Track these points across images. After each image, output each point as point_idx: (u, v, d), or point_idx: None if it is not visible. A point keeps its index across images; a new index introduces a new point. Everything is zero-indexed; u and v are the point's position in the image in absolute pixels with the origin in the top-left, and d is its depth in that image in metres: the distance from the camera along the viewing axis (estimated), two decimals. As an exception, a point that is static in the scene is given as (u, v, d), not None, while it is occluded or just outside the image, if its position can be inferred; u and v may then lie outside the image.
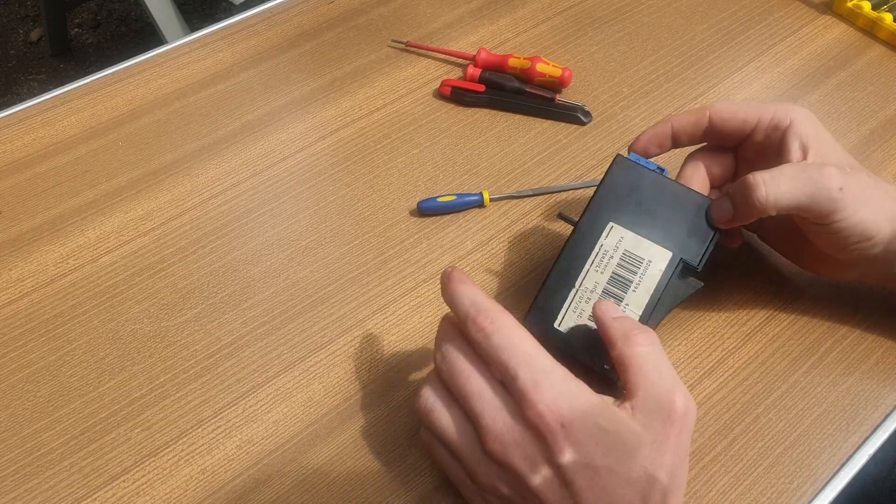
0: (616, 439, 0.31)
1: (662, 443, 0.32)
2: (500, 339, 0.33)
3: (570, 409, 0.31)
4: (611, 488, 0.31)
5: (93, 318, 0.47)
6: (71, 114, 0.59)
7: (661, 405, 0.32)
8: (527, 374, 0.32)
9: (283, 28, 0.66)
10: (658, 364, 0.34)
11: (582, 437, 0.31)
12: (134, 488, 0.40)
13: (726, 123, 0.42)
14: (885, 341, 0.44)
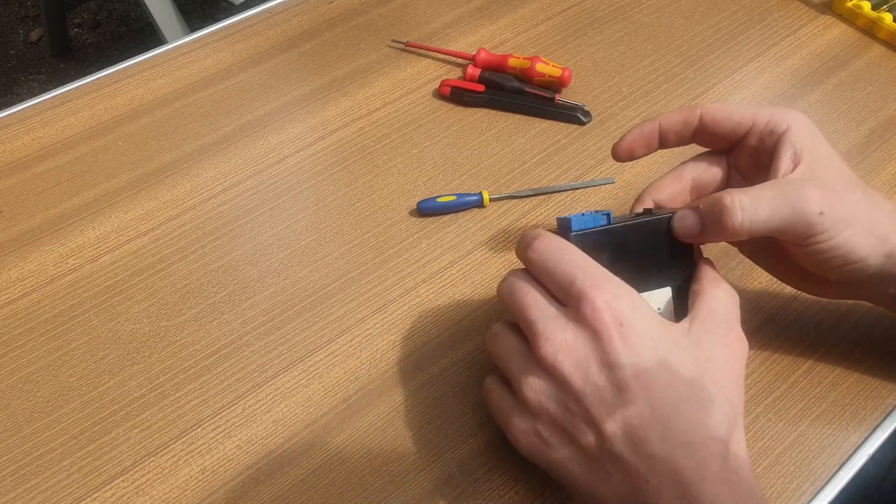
0: (671, 356, 0.31)
1: (717, 363, 0.32)
2: (553, 254, 0.34)
3: (630, 308, 0.31)
4: (670, 403, 0.30)
5: (92, 317, 0.47)
6: (71, 114, 0.59)
7: (717, 330, 0.33)
8: (584, 277, 0.32)
9: (283, 28, 0.66)
10: (726, 306, 0.34)
11: (640, 341, 0.31)
12: (133, 488, 0.40)
13: (719, 124, 0.39)
14: (885, 341, 0.44)
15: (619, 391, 0.31)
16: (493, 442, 0.41)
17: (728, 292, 0.35)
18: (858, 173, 0.53)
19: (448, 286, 0.48)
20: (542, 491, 0.39)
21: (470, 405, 0.42)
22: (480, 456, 0.40)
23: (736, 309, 0.35)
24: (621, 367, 0.31)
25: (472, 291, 0.47)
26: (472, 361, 0.44)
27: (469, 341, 0.45)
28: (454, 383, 0.43)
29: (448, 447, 0.41)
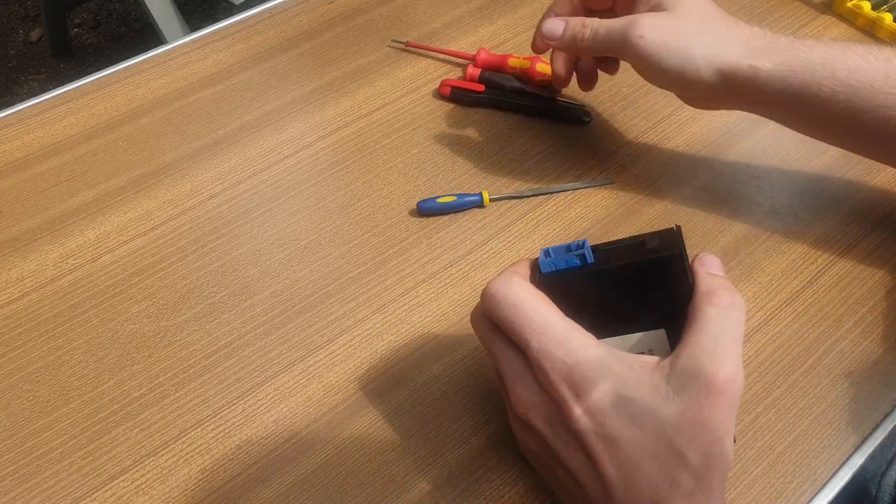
0: (640, 408, 0.29)
1: (693, 417, 0.29)
2: (507, 313, 0.32)
3: (584, 376, 0.30)
4: (634, 462, 0.29)
5: (92, 317, 0.47)
6: (70, 114, 0.59)
7: (700, 373, 0.29)
8: (538, 344, 0.31)
9: (283, 28, 0.66)
10: (719, 331, 0.30)
11: (599, 405, 0.30)
12: (133, 488, 0.40)
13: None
14: (885, 341, 0.44)
15: (585, 452, 0.30)
16: (493, 442, 0.41)
17: (726, 303, 0.31)
18: (858, 174, 0.53)
19: (448, 286, 0.48)
20: (542, 491, 0.39)
21: (470, 405, 0.42)
22: (480, 456, 0.40)
23: (734, 327, 0.31)
24: (582, 434, 0.30)
25: (472, 291, 0.47)
26: (472, 361, 0.44)
27: (469, 341, 0.45)
28: (454, 383, 0.43)
29: (448, 447, 0.41)
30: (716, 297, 0.31)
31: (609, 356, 0.31)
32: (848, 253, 0.49)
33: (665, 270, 0.32)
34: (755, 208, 0.51)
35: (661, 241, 0.32)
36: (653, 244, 0.32)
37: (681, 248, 0.32)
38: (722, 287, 0.32)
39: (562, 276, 0.33)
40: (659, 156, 0.55)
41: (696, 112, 0.58)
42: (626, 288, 0.33)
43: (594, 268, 0.32)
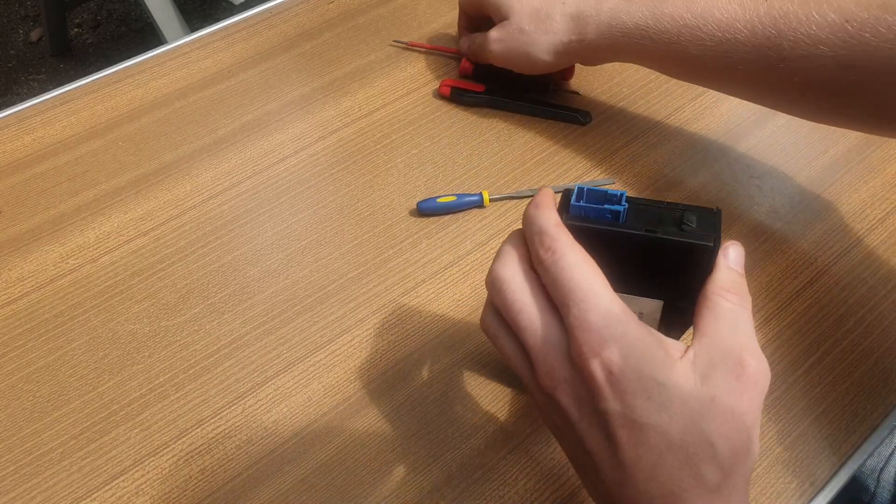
0: (671, 394, 0.28)
1: (723, 404, 0.28)
2: (558, 271, 0.30)
3: (621, 354, 0.29)
4: (657, 450, 0.28)
5: (92, 317, 0.47)
6: (71, 114, 0.59)
7: (727, 359, 0.29)
8: (579, 311, 0.29)
9: (283, 28, 0.66)
10: (735, 321, 0.30)
11: (630, 388, 0.29)
12: (133, 488, 0.40)
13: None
14: (885, 341, 0.44)
15: (607, 437, 0.30)
16: (493, 442, 0.41)
17: (736, 301, 0.31)
18: (859, 173, 0.54)
19: (448, 286, 0.48)
20: (541, 491, 0.39)
21: (470, 405, 0.42)
22: (480, 456, 0.40)
23: (747, 321, 0.31)
24: (609, 415, 0.29)
25: (472, 291, 0.47)
26: (472, 361, 0.44)
27: (469, 341, 0.45)
28: (454, 383, 0.43)
29: (448, 447, 0.41)
30: (730, 294, 0.31)
31: (648, 337, 0.29)
32: (848, 253, 0.49)
33: (693, 256, 0.31)
34: (755, 208, 0.51)
35: (699, 223, 0.31)
36: (690, 224, 0.31)
37: (716, 238, 0.31)
38: (737, 286, 0.32)
39: (582, 231, 0.31)
40: (659, 156, 0.55)
41: (695, 112, 0.58)
42: (645, 255, 0.32)
43: (622, 227, 0.31)
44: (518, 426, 0.41)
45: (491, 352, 0.44)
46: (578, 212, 0.32)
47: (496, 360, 0.44)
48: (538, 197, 0.33)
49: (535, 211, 0.32)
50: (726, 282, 0.32)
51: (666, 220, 0.32)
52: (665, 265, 0.32)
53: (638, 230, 0.31)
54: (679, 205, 0.32)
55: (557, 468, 0.40)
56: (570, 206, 0.32)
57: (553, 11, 0.53)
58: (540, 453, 0.40)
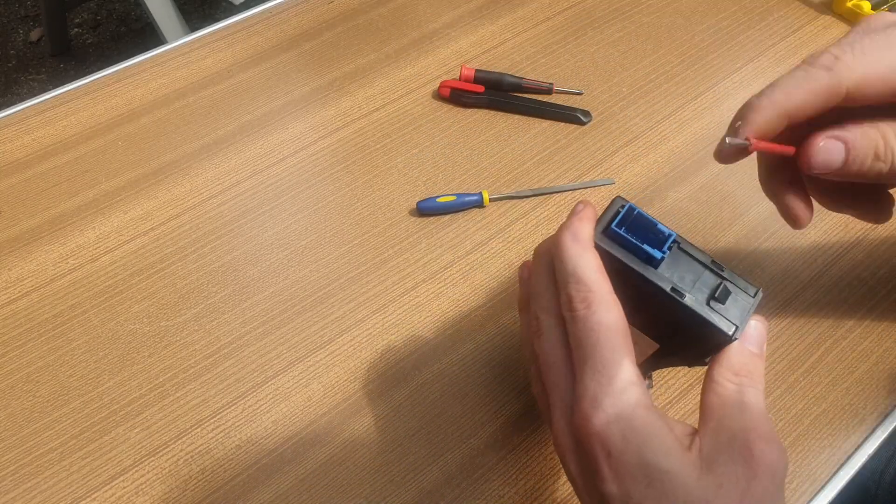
0: (673, 482, 0.26)
1: (730, 493, 0.26)
2: (586, 330, 0.28)
3: (622, 437, 0.27)
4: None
5: (92, 317, 0.47)
6: (71, 114, 0.59)
7: (733, 443, 0.27)
8: (591, 381, 0.27)
9: (283, 28, 0.66)
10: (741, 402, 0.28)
11: (630, 472, 0.27)
12: (133, 488, 0.40)
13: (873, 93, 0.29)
14: (885, 341, 0.44)
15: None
16: (493, 442, 0.41)
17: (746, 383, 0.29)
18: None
19: (448, 286, 0.48)
20: (541, 491, 0.39)
21: (470, 405, 0.42)
22: (480, 456, 0.40)
23: (757, 401, 0.28)
24: (608, 498, 0.27)
25: (471, 291, 0.47)
26: (472, 361, 0.44)
27: (469, 341, 0.45)
28: (454, 383, 0.43)
29: (448, 447, 0.41)
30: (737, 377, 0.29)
31: (658, 421, 0.27)
32: (848, 253, 0.49)
33: (709, 335, 0.29)
34: (755, 208, 0.51)
35: (732, 303, 0.29)
36: (721, 301, 0.29)
37: (740, 327, 0.29)
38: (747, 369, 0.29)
39: (618, 251, 0.29)
40: (659, 156, 0.55)
41: (695, 112, 0.58)
42: (664, 308, 0.29)
43: (651, 274, 0.29)
44: (518, 426, 0.41)
45: (491, 352, 0.44)
46: (615, 237, 0.29)
47: (496, 361, 0.44)
48: (578, 225, 0.29)
49: (573, 246, 0.29)
50: (735, 364, 0.29)
51: (700, 285, 0.29)
52: (680, 327, 0.30)
53: (665, 286, 0.29)
54: (724, 271, 0.30)
55: (557, 468, 0.40)
56: (609, 228, 0.29)
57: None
58: (540, 453, 0.40)
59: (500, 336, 0.45)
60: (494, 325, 0.46)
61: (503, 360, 0.44)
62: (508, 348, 0.44)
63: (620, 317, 0.28)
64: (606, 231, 0.29)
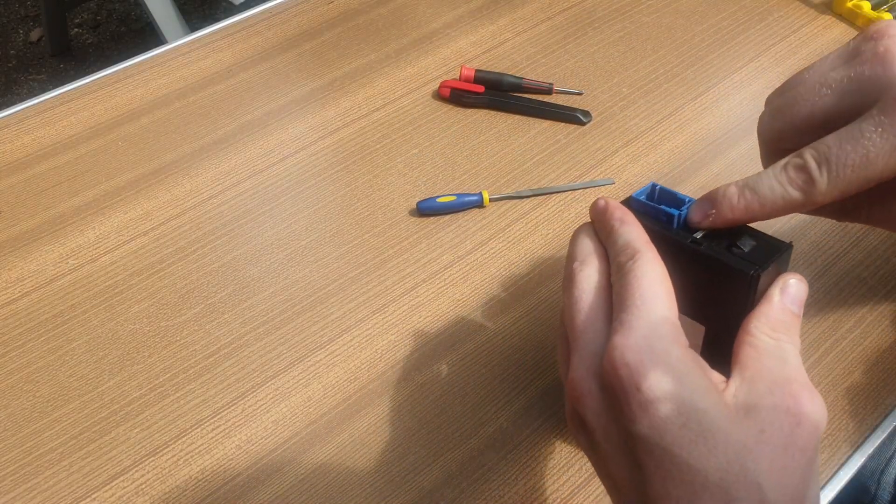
0: (711, 424, 0.24)
1: (774, 439, 0.24)
2: (630, 276, 0.27)
3: (655, 371, 0.25)
4: (691, 488, 0.24)
5: (92, 317, 0.47)
6: (71, 114, 0.59)
7: (775, 391, 0.25)
8: (628, 316, 0.26)
9: (283, 28, 0.66)
10: (782, 355, 0.27)
11: (663, 411, 0.25)
12: (133, 488, 0.40)
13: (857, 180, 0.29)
14: (885, 341, 0.44)
15: (634, 464, 0.26)
16: (493, 442, 0.41)
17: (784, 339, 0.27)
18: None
19: (448, 286, 0.48)
20: (541, 491, 0.39)
21: (470, 405, 0.42)
22: (480, 456, 0.40)
23: (797, 356, 0.27)
24: (634, 439, 0.25)
25: (471, 291, 0.47)
26: (472, 361, 0.44)
27: (469, 341, 0.45)
28: (454, 383, 0.43)
29: (448, 447, 0.41)
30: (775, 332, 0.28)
31: (692, 361, 0.26)
32: (848, 253, 0.49)
33: (731, 282, 0.29)
34: (755, 208, 0.51)
35: (754, 249, 0.29)
36: (742, 247, 0.29)
37: (763, 268, 0.28)
38: (785, 326, 0.28)
39: (643, 217, 0.30)
40: (659, 156, 0.55)
41: (695, 112, 0.58)
42: (690, 268, 0.29)
43: (673, 232, 0.30)
44: (518, 426, 0.41)
45: (491, 352, 0.44)
46: (638, 206, 0.31)
47: (496, 361, 0.44)
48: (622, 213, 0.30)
49: (620, 227, 0.29)
50: (773, 319, 0.28)
51: (722, 237, 0.29)
52: (706, 285, 0.30)
53: (684, 239, 0.29)
54: (751, 228, 0.30)
55: (557, 468, 0.40)
56: (631, 197, 0.31)
57: None
58: (540, 453, 0.40)
59: (500, 336, 0.45)
60: (494, 325, 0.46)
61: (503, 360, 0.44)
62: (508, 348, 0.44)
63: (665, 275, 0.28)
64: (629, 202, 0.31)
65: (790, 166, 0.29)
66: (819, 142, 0.29)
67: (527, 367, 0.44)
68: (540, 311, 0.46)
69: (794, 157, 0.29)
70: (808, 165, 0.29)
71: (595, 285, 0.29)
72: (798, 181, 0.29)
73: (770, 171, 0.30)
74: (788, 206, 0.29)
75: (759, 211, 0.30)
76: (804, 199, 0.29)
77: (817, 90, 0.30)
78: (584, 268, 0.30)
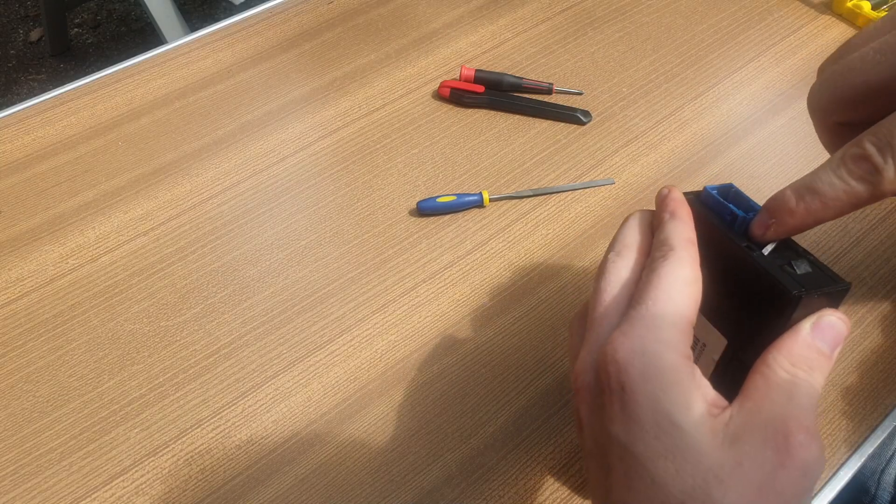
0: (685, 442, 0.23)
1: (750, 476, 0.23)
2: (657, 273, 0.26)
3: (641, 374, 0.24)
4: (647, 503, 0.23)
5: (92, 317, 0.47)
6: (71, 114, 0.59)
7: (768, 427, 0.23)
8: (635, 313, 0.25)
9: (283, 28, 0.66)
10: (793, 392, 0.24)
11: (639, 417, 0.24)
12: (133, 488, 0.40)
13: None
14: (885, 341, 0.44)
15: (606, 467, 0.25)
16: (493, 442, 0.41)
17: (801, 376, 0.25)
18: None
19: (448, 286, 0.48)
20: (541, 491, 0.39)
21: (470, 405, 0.42)
22: (480, 456, 0.40)
23: (810, 397, 0.25)
24: (610, 440, 0.25)
25: (471, 291, 0.47)
26: (472, 361, 0.44)
27: (469, 341, 0.45)
28: (454, 383, 0.43)
29: (448, 447, 0.41)
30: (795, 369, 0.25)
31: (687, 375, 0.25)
32: (848, 253, 0.49)
33: (771, 297, 0.27)
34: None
35: (809, 275, 0.27)
36: (797, 269, 0.28)
37: (810, 295, 0.26)
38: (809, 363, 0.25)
39: (708, 212, 0.30)
40: (659, 156, 0.55)
41: (695, 112, 0.58)
42: (734, 272, 0.29)
43: (732, 233, 0.29)
44: (518, 426, 0.41)
45: (491, 352, 0.44)
46: (708, 199, 0.30)
47: (496, 361, 0.44)
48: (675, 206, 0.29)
49: (668, 221, 0.29)
50: (795, 354, 0.25)
51: (781, 254, 0.28)
52: (745, 297, 0.28)
53: (739, 241, 0.28)
54: (815, 258, 0.28)
55: (557, 468, 0.40)
56: (704, 190, 0.30)
57: None
58: (540, 453, 0.40)
59: (500, 336, 0.45)
60: (494, 325, 0.46)
61: (503, 360, 0.44)
62: (508, 348, 0.44)
63: (694, 279, 0.26)
64: (700, 195, 0.31)
65: (848, 157, 0.26)
66: (877, 125, 0.26)
67: (527, 367, 0.44)
68: (540, 310, 0.46)
69: (852, 147, 0.26)
70: (868, 153, 0.25)
71: (623, 279, 0.28)
72: (860, 172, 0.26)
73: (826, 165, 0.27)
74: (854, 201, 0.26)
75: (822, 211, 0.27)
76: (871, 191, 0.26)
77: (872, 56, 0.27)
78: (619, 259, 0.29)
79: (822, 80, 0.30)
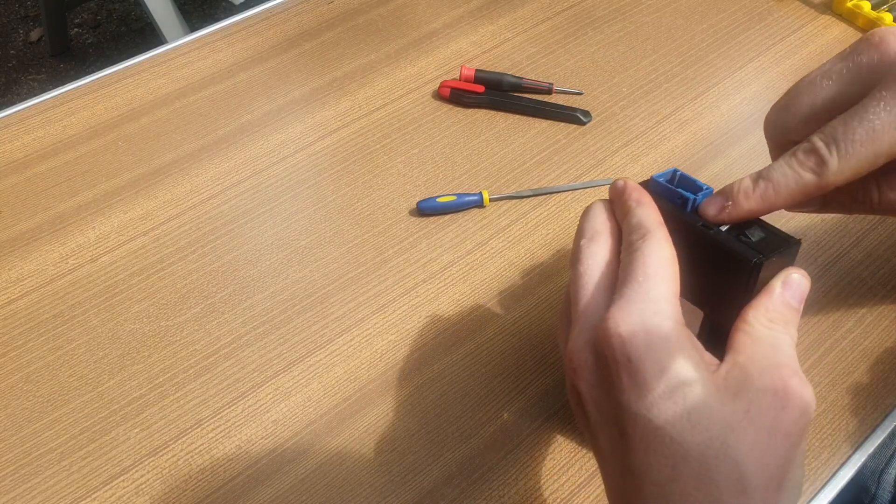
0: (696, 397, 0.25)
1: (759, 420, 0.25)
2: (638, 253, 0.28)
3: (646, 344, 0.25)
4: (671, 461, 0.25)
5: (92, 317, 0.47)
6: (71, 114, 0.59)
7: (764, 376, 0.26)
8: (627, 290, 0.27)
9: (283, 28, 0.66)
10: (776, 343, 0.27)
11: (650, 382, 0.25)
12: (133, 488, 0.40)
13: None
14: (885, 341, 0.44)
15: (620, 435, 0.26)
16: (493, 442, 0.41)
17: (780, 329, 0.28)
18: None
19: (448, 286, 0.48)
20: (541, 491, 0.39)
21: (470, 405, 0.42)
22: (480, 456, 0.40)
23: (791, 346, 0.28)
24: (622, 409, 0.26)
25: (471, 291, 0.47)
26: (471, 361, 0.44)
27: (469, 341, 0.45)
28: (454, 383, 0.43)
29: (448, 447, 0.41)
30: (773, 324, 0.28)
31: (686, 340, 0.27)
32: (848, 253, 0.49)
33: (734, 269, 0.30)
34: (755, 208, 0.51)
35: (763, 241, 0.30)
36: (751, 237, 0.30)
37: (767, 259, 0.29)
38: (784, 318, 0.29)
39: (659, 198, 0.31)
40: (659, 156, 0.55)
41: (695, 112, 0.58)
42: (697, 253, 0.30)
43: (686, 215, 0.31)
44: (518, 426, 0.41)
45: (491, 352, 0.44)
46: (657, 187, 0.32)
47: (496, 361, 0.44)
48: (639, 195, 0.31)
49: (636, 207, 0.30)
50: (771, 310, 0.28)
51: (734, 227, 0.31)
52: (710, 271, 0.31)
53: (694, 221, 0.31)
54: (763, 222, 0.31)
55: (557, 468, 0.40)
56: (651, 179, 0.32)
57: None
58: (540, 453, 0.40)
59: (500, 336, 0.45)
60: (494, 325, 0.46)
61: (503, 360, 0.44)
62: (508, 348, 0.44)
63: (672, 256, 0.28)
64: (647, 182, 0.32)
65: (800, 151, 0.30)
66: (825, 126, 0.30)
67: (527, 367, 0.44)
68: (540, 311, 0.46)
69: (803, 143, 0.30)
70: (816, 146, 0.29)
71: (600, 261, 0.30)
72: (809, 163, 0.30)
73: (781, 159, 0.31)
74: (802, 189, 0.30)
75: (775, 198, 0.30)
76: (818, 181, 0.30)
77: (819, 82, 0.31)
78: (592, 244, 0.31)
79: (775, 107, 0.34)
